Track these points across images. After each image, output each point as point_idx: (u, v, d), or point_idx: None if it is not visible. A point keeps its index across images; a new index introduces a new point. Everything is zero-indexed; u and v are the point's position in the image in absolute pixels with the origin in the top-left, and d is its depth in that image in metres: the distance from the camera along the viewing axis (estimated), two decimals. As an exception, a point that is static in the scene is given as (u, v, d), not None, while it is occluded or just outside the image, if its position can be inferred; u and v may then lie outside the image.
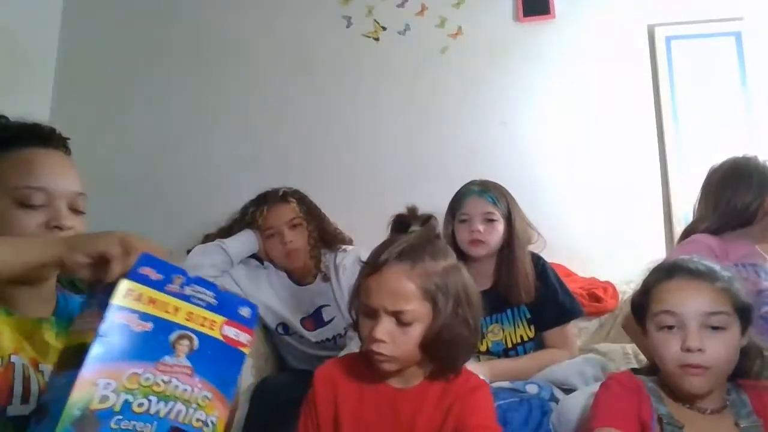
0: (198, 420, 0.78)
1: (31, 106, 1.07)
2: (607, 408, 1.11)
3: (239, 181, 2.44)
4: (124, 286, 0.76)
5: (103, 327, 0.72)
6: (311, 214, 2.06)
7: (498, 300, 1.71)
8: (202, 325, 0.82)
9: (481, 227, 1.68)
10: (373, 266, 1.06)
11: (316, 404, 1.09)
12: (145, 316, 0.77)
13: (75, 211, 1.00)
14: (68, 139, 1.07)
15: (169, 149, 2.57)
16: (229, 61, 2.60)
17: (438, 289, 1.03)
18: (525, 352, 1.70)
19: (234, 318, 0.85)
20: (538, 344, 1.72)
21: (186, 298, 0.82)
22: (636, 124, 2.40)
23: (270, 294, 2.02)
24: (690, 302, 1.09)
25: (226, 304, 0.85)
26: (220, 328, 0.83)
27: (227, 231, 2.05)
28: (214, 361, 0.81)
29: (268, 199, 2.04)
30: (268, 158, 2.50)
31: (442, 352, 1.04)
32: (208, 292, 0.84)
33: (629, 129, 2.40)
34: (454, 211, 1.75)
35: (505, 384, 1.50)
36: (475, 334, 1.08)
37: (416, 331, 1.02)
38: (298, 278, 2.05)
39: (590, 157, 2.40)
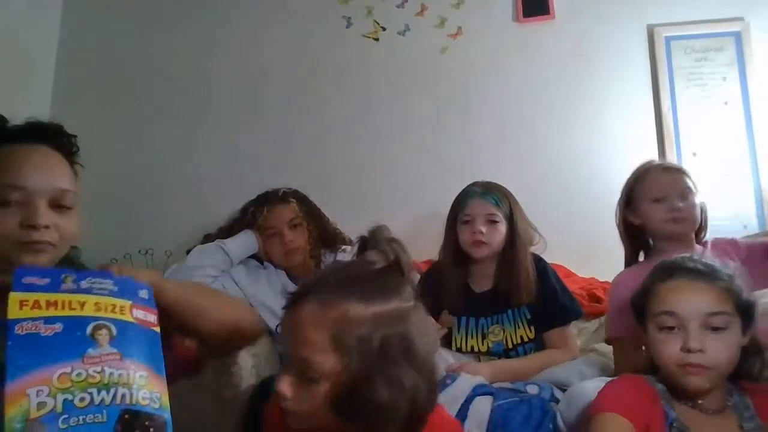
0: (144, 398, 0.78)
1: (30, 107, 1.06)
2: (616, 396, 1.09)
3: (239, 181, 2.44)
4: (14, 299, 0.75)
5: (10, 343, 0.72)
6: (311, 214, 2.07)
7: (499, 301, 1.72)
8: (114, 312, 0.82)
9: (483, 228, 1.68)
10: (289, 300, 0.85)
11: None
12: (50, 319, 0.77)
13: (60, 207, 0.97)
14: (74, 136, 1.04)
15: (169, 149, 2.57)
16: (229, 60, 2.60)
17: (359, 342, 0.79)
18: (525, 353, 1.70)
19: (137, 301, 0.85)
20: (539, 345, 1.73)
21: (87, 291, 0.82)
22: (635, 125, 2.40)
23: (269, 294, 2.02)
24: (690, 303, 1.08)
25: (127, 289, 0.86)
26: (129, 311, 0.83)
27: (227, 231, 2.05)
28: (137, 342, 0.81)
29: (268, 199, 2.04)
30: (267, 158, 2.51)
31: (361, 421, 0.81)
32: (106, 281, 0.84)
33: (629, 129, 2.40)
34: (456, 213, 1.76)
35: (506, 384, 1.50)
36: (417, 403, 0.81)
37: (322, 390, 0.80)
38: (297, 278, 2.05)
39: (590, 157, 2.40)
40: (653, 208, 1.58)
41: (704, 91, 2.37)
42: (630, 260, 1.69)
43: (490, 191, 1.74)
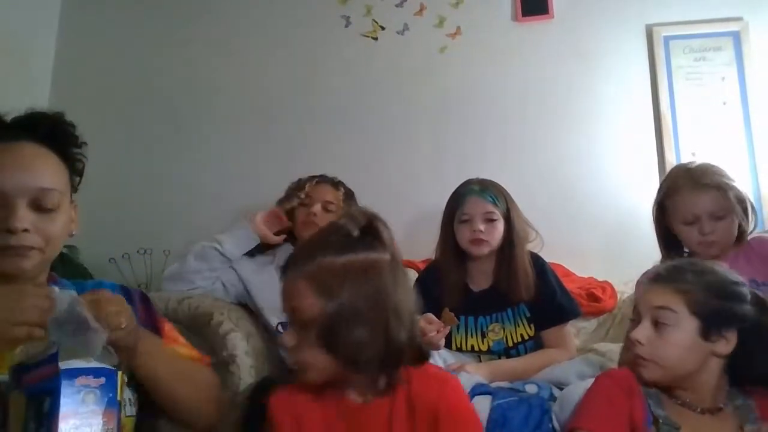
0: None
1: (28, 106, 1.04)
2: (591, 409, 1.13)
3: (238, 181, 2.44)
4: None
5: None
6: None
7: (498, 299, 1.72)
8: None
9: (482, 227, 1.69)
10: (282, 270, 1.01)
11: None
12: None
13: (42, 208, 0.92)
14: (72, 126, 1.01)
15: (168, 148, 2.56)
16: (228, 60, 2.59)
17: (334, 286, 0.93)
18: (526, 351, 1.71)
19: None
20: (539, 343, 1.73)
21: None
22: (634, 124, 2.40)
23: (270, 293, 2.02)
24: (645, 297, 1.17)
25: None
26: None
27: (285, 199, 2.10)
28: None
29: (323, 176, 2.12)
30: (265, 158, 2.50)
31: (345, 358, 0.93)
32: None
33: (627, 129, 2.40)
34: (453, 211, 1.75)
35: (504, 384, 1.50)
36: (393, 342, 0.94)
37: (312, 332, 0.93)
38: None
39: (589, 157, 2.40)
40: (685, 229, 1.56)
41: (703, 91, 2.37)
42: (664, 258, 1.67)
43: (487, 189, 1.74)
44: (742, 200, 1.56)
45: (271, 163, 2.46)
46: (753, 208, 1.60)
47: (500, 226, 1.71)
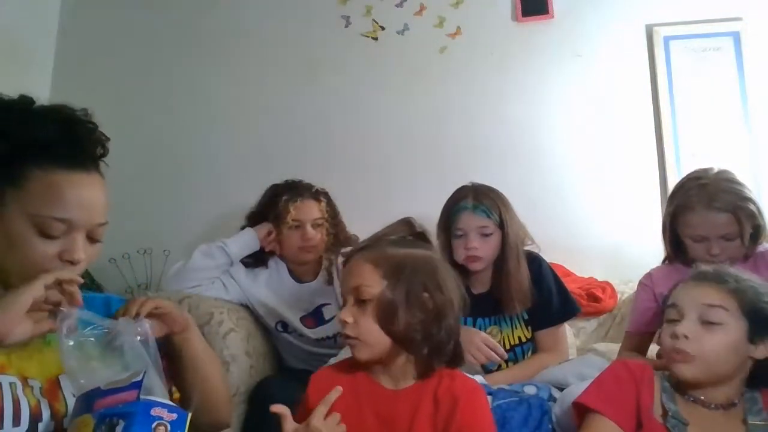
0: None
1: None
2: (599, 389, 1.15)
3: (237, 181, 2.44)
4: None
5: None
6: (333, 217, 2.10)
7: (495, 303, 1.71)
8: None
9: (476, 243, 1.66)
10: (346, 257, 1.16)
11: (308, 409, 1.08)
12: None
13: (93, 240, 0.97)
14: (108, 139, 1.02)
15: (168, 148, 2.56)
16: (227, 60, 2.59)
17: (395, 269, 1.06)
18: (524, 353, 1.71)
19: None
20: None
21: None
22: (634, 124, 2.40)
23: (266, 293, 2.04)
24: (692, 295, 1.14)
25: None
26: None
27: (258, 216, 2.08)
28: None
29: (302, 191, 2.06)
30: (264, 158, 2.50)
31: (399, 331, 1.05)
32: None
33: (627, 129, 2.40)
34: (448, 223, 1.72)
35: (504, 385, 1.50)
36: (444, 320, 1.07)
37: (370, 309, 1.05)
38: (299, 276, 2.07)
39: (589, 157, 2.40)
40: (693, 245, 1.54)
41: (703, 91, 2.36)
42: (670, 259, 1.67)
43: (481, 203, 1.68)
44: (754, 217, 1.51)
45: (270, 163, 2.46)
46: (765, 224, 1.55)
47: (495, 238, 1.68)
